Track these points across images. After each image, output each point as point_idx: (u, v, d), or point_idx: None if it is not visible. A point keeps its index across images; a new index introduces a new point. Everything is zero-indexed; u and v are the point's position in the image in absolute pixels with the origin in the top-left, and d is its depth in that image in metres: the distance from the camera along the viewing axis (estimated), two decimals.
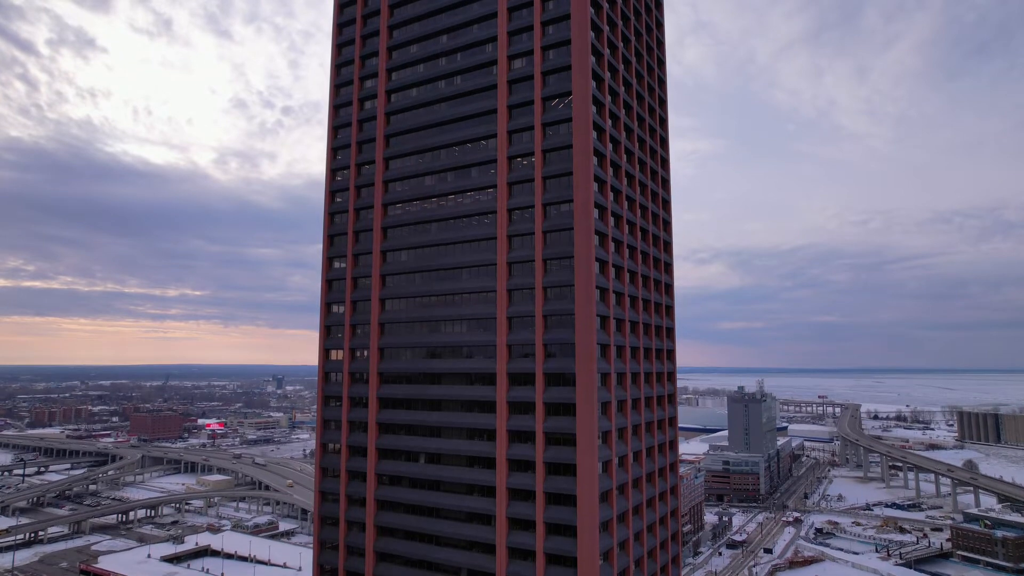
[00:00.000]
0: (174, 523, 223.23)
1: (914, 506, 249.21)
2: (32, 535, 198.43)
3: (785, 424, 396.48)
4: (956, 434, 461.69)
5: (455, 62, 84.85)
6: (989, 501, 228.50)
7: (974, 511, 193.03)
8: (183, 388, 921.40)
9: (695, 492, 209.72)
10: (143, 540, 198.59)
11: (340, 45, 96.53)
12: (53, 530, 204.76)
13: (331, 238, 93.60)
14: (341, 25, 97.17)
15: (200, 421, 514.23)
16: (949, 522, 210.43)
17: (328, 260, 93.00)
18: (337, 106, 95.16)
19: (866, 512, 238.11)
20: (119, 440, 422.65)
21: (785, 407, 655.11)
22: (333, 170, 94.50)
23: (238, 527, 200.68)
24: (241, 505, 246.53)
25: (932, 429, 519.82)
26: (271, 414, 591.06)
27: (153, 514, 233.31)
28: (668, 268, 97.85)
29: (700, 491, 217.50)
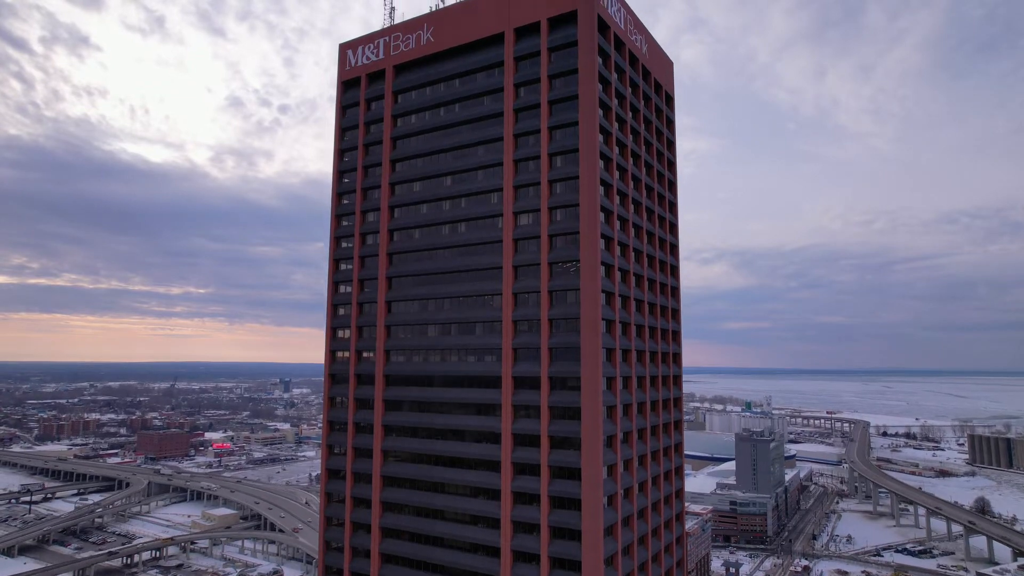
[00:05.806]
0: (179, 567, 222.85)
1: (925, 551, 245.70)
2: None
3: (793, 453, 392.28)
4: (967, 456, 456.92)
5: None
6: (1003, 548, 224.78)
7: (988, 572, 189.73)
8: (190, 392, 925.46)
9: (702, 544, 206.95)
10: None
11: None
12: None
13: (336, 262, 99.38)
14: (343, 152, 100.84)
15: (207, 436, 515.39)
16: (962, 574, 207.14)
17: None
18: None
19: (876, 559, 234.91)
20: (126, 460, 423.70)
21: (792, 421, 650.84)
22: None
23: None
24: (247, 544, 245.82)
25: (942, 449, 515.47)
26: (278, 426, 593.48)
27: (158, 555, 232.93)
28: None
29: (707, 543, 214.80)
